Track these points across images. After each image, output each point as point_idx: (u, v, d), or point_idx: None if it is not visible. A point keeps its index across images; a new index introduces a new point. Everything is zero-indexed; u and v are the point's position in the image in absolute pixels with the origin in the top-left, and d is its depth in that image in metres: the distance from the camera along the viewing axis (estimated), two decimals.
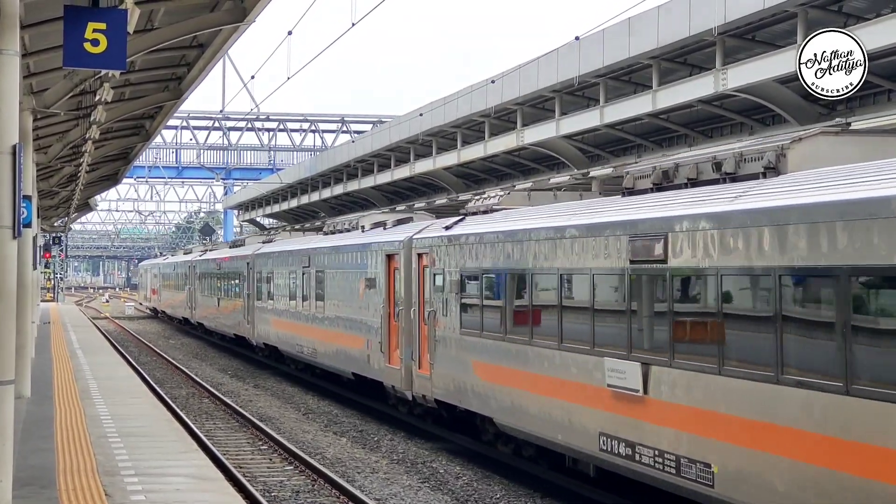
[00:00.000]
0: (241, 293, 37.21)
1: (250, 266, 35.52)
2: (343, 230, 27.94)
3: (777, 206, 10.36)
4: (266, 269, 34.06)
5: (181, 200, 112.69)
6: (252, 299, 35.57)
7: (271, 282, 33.28)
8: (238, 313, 37.83)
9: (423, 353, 19.64)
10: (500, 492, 15.75)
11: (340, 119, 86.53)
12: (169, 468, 13.59)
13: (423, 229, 20.59)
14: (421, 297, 19.71)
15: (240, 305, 37.47)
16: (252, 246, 38.01)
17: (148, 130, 27.88)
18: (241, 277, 37.12)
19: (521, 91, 29.19)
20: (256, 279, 35.06)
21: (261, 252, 35.24)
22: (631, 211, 13.17)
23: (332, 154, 54.94)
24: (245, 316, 36.56)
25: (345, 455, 18.94)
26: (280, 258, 32.11)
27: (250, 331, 36.22)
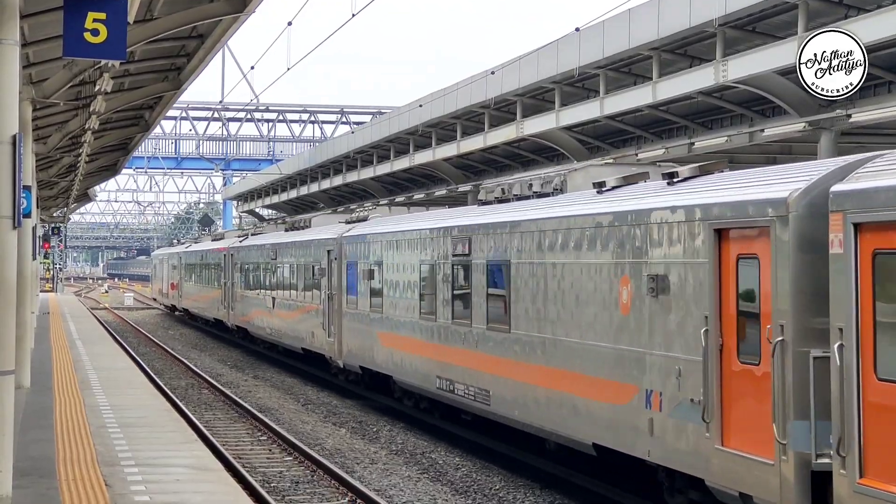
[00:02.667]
0: (319, 290, 27.39)
1: (335, 254, 25.89)
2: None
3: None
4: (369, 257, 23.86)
5: (180, 191, 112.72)
6: (339, 301, 25.50)
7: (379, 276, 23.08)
8: (313, 318, 27.96)
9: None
10: (499, 483, 15.76)
11: (340, 110, 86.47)
12: (168, 459, 13.60)
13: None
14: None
15: (316, 309, 27.57)
16: (333, 227, 28.17)
17: (147, 121, 27.85)
18: (316, 269, 27.57)
19: (521, 82, 29.15)
20: (347, 271, 25.30)
21: (358, 234, 24.61)
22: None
23: (332, 145, 54.89)
24: (325, 325, 26.64)
25: (344, 446, 18.95)
26: (393, 243, 21.97)
27: (335, 348, 25.86)
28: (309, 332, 28.35)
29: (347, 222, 27.08)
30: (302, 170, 58.74)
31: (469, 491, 15.29)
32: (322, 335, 26.82)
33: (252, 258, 37.00)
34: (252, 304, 36.66)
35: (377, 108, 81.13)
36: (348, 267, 24.80)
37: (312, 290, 27.97)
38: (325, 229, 28.35)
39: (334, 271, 25.79)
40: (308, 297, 28.62)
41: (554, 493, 15.04)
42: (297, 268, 29.92)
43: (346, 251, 24.95)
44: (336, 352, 25.67)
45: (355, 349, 24.23)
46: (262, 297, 34.63)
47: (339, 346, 25.45)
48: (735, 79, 21.07)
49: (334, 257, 25.81)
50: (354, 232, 24.79)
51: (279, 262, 32.29)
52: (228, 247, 41.74)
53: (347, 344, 24.80)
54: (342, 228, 26.35)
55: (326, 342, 26.42)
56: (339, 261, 25.43)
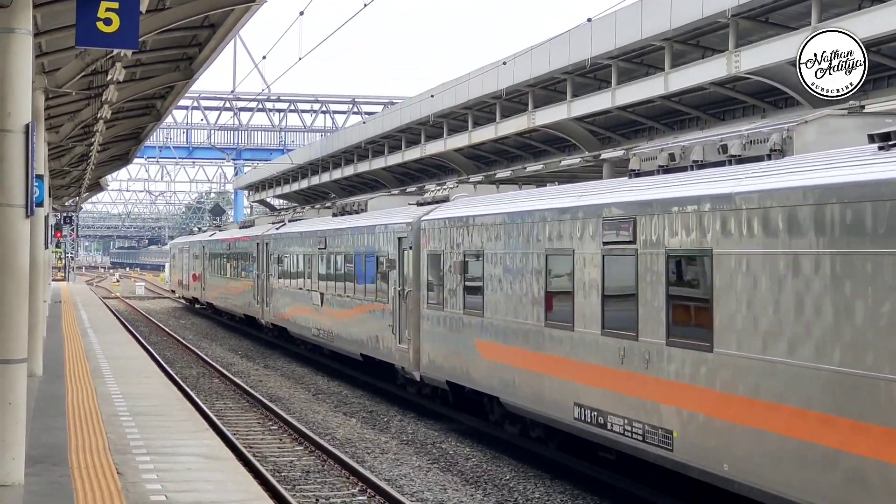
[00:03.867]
0: (387, 286, 22.74)
1: (410, 242, 21.21)
2: None
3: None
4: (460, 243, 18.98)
5: (191, 181, 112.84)
6: (416, 300, 20.91)
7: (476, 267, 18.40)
8: (377, 319, 23.34)
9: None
10: (509, 473, 15.78)
11: (351, 100, 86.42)
12: (180, 447, 13.64)
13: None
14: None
15: (382, 308, 22.98)
16: (401, 210, 23.54)
17: (159, 110, 27.89)
18: (383, 261, 23.00)
19: (533, 73, 29.11)
20: (429, 263, 20.35)
21: (444, 217, 19.88)
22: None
23: (343, 135, 54.89)
24: (395, 328, 21.96)
25: (354, 436, 18.99)
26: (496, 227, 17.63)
27: (408, 356, 21.22)
28: (371, 337, 23.82)
29: (420, 204, 22.55)
30: (313, 160, 58.76)
31: (479, 481, 15.32)
32: (390, 340, 22.37)
33: (293, 247, 32.18)
34: (293, 299, 31.93)
35: (389, 99, 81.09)
36: (430, 258, 20.12)
37: (377, 285, 23.46)
38: (391, 213, 23.86)
39: (408, 263, 21.32)
40: (370, 294, 23.91)
41: (564, 483, 15.05)
42: (354, 258, 25.57)
43: (428, 238, 20.22)
44: (411, 361, 21.05)
45: (439, 360, 19.66)
46: (307, 293, 29.95)
47: (414, 355, 20.92)
48: (748, 70, 21.02)
49: (408, 246, 21.32)
50: (438, 215, 20.20)
51: (329, 252, 27.83)
52: (263, 234, 36.75)
53: (428, 353, 20.27)
54: (416, 211, 21.78)
55: (397, 349, 21.97)
56: (415, 250, 20.97)
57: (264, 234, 36.57)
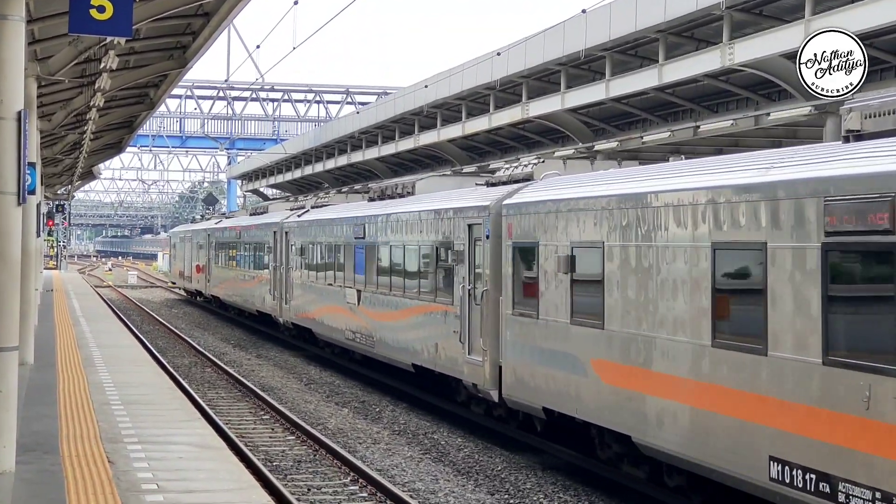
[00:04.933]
0: (451, 284, 19.04)
1: (486, 230, 17.56)
2: None
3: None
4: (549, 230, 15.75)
5: (185, 170, 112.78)
6: (495, 302, 17.23)
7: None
8: (437, 323, 19.63)
9: None
10: (501, 464, 15.80)
11: (345, 90, 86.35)
12: (171, 436, 13.64)
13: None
14: None
15: (444, 311, 19.35)
16: (464, 193, 19.83)
17: (152, 99, 27.83)
18: (448, 254, 19.25)
19: (527, 64, 29.09)
20: (513, 257, 16.64)
21: (538, 200, 16.08)
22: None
23: (337, 125, 54.85)
24: (464, 336, 18.23)
25: (346, 426, 19.00)
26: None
27: (484, 372, 17.43)
28: (428, 345, 19.98)
29: (492, 184, 18.87)
30: (307, 149, 58.72)
31: (471, 472, 15.34)
32: (456, 350, 18.62)
33: (320, 236, 27.99)
34: (319, 296, 27.88)
35: (382, 89, 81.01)
36: (517, 251, 16.30)
37: (436, 282, 19.77)
38: (453, 196, 19.93)
39: (483, 256, 17.52)
40: (427, 293, 20.18)
41: (556, 474, 15.08)
42: (405, 250, 21.53)
43: (513, 226, 16.37)
44: (486, 378, 17.23)
45: (531, 380, 15.76)
46: (339, 289, 25.91)
47: (491, 371, 17.09)
48: (741, 62, 21.03)
49: (482, 235, 17.58)
50: (526, 197, 16.24)
51: (370, 242, 23.63)
52: (281, 222, 32.63)
53: (513, 370, 16.33)
54: (490, 193, 17.98)
55: (466, 362, 18.12)
56: (493, 241, 17.18)
57: (283, 221, 32.45)
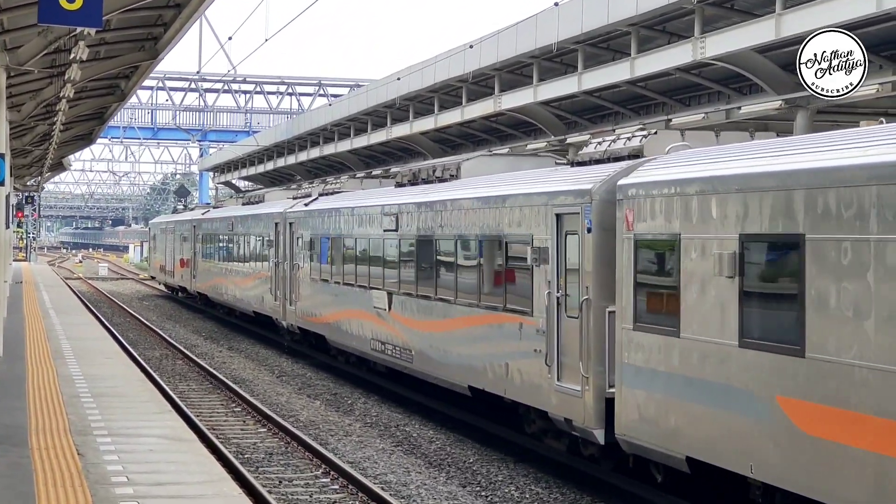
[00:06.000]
0: (527, 289, 15.26)
1: (588, 219, 13.79)
2: None
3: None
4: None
5: (156, 161, 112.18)
6: (620, 316, 13.22)
7: None
8: (511, 339, 15.67)
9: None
10: (473, 456, 15.83)
11: (318, 82, 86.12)
12: (142, 429, 13.59)
13: None
14: None
15: (519, 324, 15.43)
16: (550, 174, 16.08)
17: (123, 90, 27.67)
18: (528, 252, 15.26)
19: (499, 56, 29.08)
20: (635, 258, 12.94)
21: (666, 178, 12.54)
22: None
23: (309, 117, 54.69)
24: (551, 356, 14.44)
25: (318, 418, 18.99)
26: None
27: (586, 407, 13.73)
28: (495, 364, 15.98)
29: (576, 163, 15.27)
30: (279, 142, 58.55)
31: (443, 464, 15.36)
32: (538, 374, 14.59)
33: (334, 228, 24.19)
34: (335, 298, 23.98)
35: (355, 81, 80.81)
36: (640, 246, 12.50)
37: (506, 286, 15.82)
38: (528, 179, 15.99)
39: (579, 253, 13.69)
40: (493, 299, 16.19)
41: (528, 466, 15.11)
42: (456, 246, 17.58)
43: (633, 215, 12.56)
44: (588, 414, 13.43)
45: (667, 419, 11.87)
46: (362, 291, 22.00)
47: (594, 403, 13.30)
48: (713, 56, 21.09)
49: (579, 227, 13.73)
50: (657, 176, 12.38)
51: (406, 236, 19.81)
52: (284, 212, 28.85)
53: (638, 405, 12.42)
54: (583, 175, 14.26)
55: (556, 390, 14.16)
56: (597, 234, 13.37)
57: (288, 211, 28.64)
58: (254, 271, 32.27)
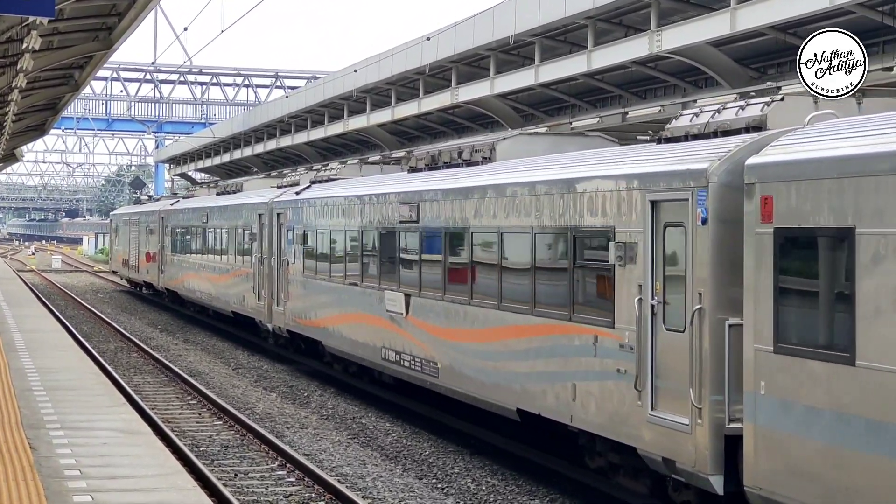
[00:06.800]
0: (605, 295, 12.46)
1: (677, 210, 11.28)
2: None
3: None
4: None
5: (111, 153, 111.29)
6: (749, 332, 10.18)
7: None
8: (578, 354, 12.85)
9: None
10: (428, 448, 15.84)
11: (274, 74, 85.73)
12: (96, 422, 13.48)
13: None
14: None
15: (593, 336, 12.53)
16: (632, 150, 13.38)
17: (77, 81, 27.40)
18: (588, 243, 12.92)
19: (457, 49, 29.08)
20: None
21: (804, 158, 9.78)
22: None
23: (266, 109, 54.46)
24: (641, 379, 11.51)
25: (274, 410, 18.93)
26: None
27: (690, 442, 10.85)
28: (557, 386, 13.12)
29: (665, 140, 12.58)
30: (235, 133, 58.28)
31: (399, 456, 15.36)
32: (625, 402, 11.78)
33: (334, 220, 21.26)
34: (335, 299, 21.03)
35: (312, 73, 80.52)
36: (783, 244, 9.83)
37: (571, 291, 12.97)
38: (607, 159, 13.07)
39: (690, 252, 10.89)
40: (551, 307, 13.33)
41: (483, 458, 15.14)
42: (501, 242, 14.65)
43: (773, 202, 9.87)
44: (700, 455, 10.67)
45: (829, 471, 9.14)
46: (371, 292, 19.13)
47: (709, 442, 10.51)
48: (669, 49, 21.20)
49: (687, 218, 10.99)
50: (813, 152, 9.65)
51: (426, 229, 17.02)
52: (270, 201, 25.95)
53: (779, 446, 9.68)
54: (683, 153, 11.51)
55: (649, 422, 11.37)
56: (714, 227, 10.66)
57: (274, 200, 25.80)
58: (233, 267, 29.45)
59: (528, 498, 13.06)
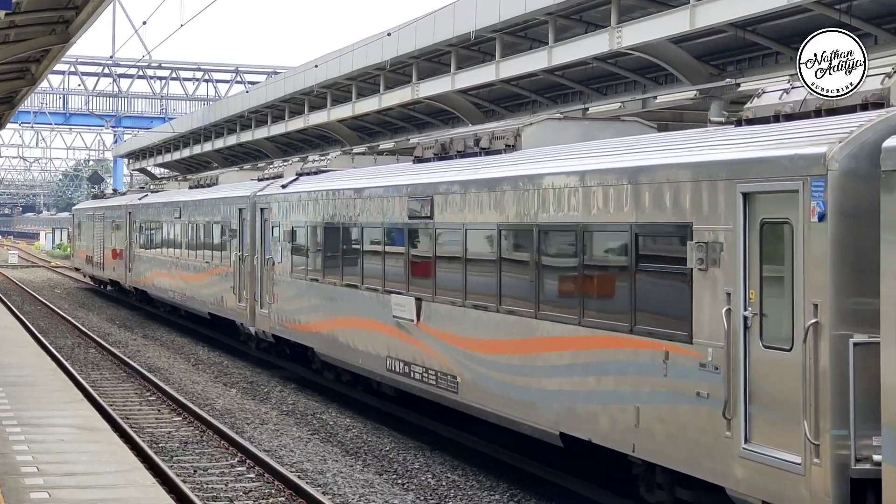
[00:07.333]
0: (689, 306, 10.43)
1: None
2: None
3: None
4: None
5: (69, 147, 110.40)
6: None
7: None
8: (634, 375, 11.18)
9: None
10: (389, 444, 15.83)
11: (235, 69, 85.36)
12: (53, 418, 13.37)
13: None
14: None
15: (652, 349, 10.87)
16: (715, 132, 11.30)
17: (34, 75, 27.12)
18: (654, 243, 11.17)
19: (417, 44, 29.06)
20: None
21: None
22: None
23: (226, 104, 54.20)
24: (738, 408, 9.69)
25: (234, 406, 18.85)
26: None
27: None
28: (617, 408, 11.35)
29: (786, 118, 10.32)
30: (195, 128, 57.93)
31: (359, 452, 15.34)
32: (704, 430, 10.13)
33: (328, 215, 19.38)
34: (330, 303, 19.16)
35: (272, 68, 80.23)
36: None
37: (632, 298, 11.22)
38: (675, 144, 11.36)
39: (809, 255, 9.08)
40: (607, 317, 11.59)
41: (444, 454, 15.15)
42: (537, 241, 12.85)
43: None
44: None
45: None
46: (373, 295, 17.23)
47: (835, 489, 8.81)
48: (629, 45, 21.28)
49: (798, 214, 9.21)
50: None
51: (441, 225, 15.17)
52: (253, 195, 24.00)
53: None
54: (802, 134, 9.62)
55: (742, 458, 9.64)
56: (843, 225, 8.96)
57: (258, 194, 23.85)
58: (210, 266, 27.43)
59: (488, 493, 13.09)
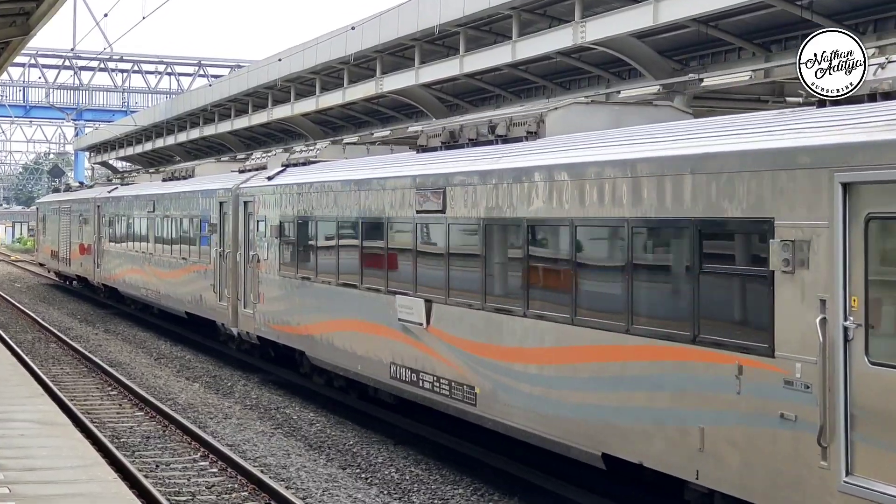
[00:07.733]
0: (769, 314, 9.16)
1: None
2: None
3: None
4: None
5: (28, 140, 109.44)
6: None
7: None
8: (697, 391, 9.85)
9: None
10: (353, 438, 15.82)
11: (197, 62, 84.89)
12: (12, 413, 13.26)
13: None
14: None
15: (725, 363, 9.49)
16: (796, 115, 9.74)
17: None
18: (729, 243, 9.75)
19: (381, 38, 29.01)
20: None
21: None
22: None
23: (189, 98, 53.90)
24: (837, 439, 8.39)
25: (197, 401, 18.76)
26: None
27: None
28: (675, 429, 10.09)
29: (883, 97, 9.07)
30: (158, 122, 57.60)
31: (323, 446, 15.32)
32: (791, 458, 8.87)
33: (321, 209, 18.06)
34: (324, 303, 17.81)
35: (236, 62, 79.87)
36: None
37: (695, 305, 10.02)
38: (744, 128, 10.03)
39: None
40: (667, 320, 10.23)
41: (408, 448, 15.16)
42: (574, 238, 11.77)
43: None
44: None
45: None
46: (374, 296, 16.01)
47: None
48: (593, 40, 21.35)
49: None
50: None
51: (455, 219, 13.96)
52: (236, 188, 22.70)
53: None
54: None
55: (842, 494, 8.35)
56: None
57: (241, 187, 22.51)
58: (187, 262, 25.96)
59: (451, 487, 13.10)
